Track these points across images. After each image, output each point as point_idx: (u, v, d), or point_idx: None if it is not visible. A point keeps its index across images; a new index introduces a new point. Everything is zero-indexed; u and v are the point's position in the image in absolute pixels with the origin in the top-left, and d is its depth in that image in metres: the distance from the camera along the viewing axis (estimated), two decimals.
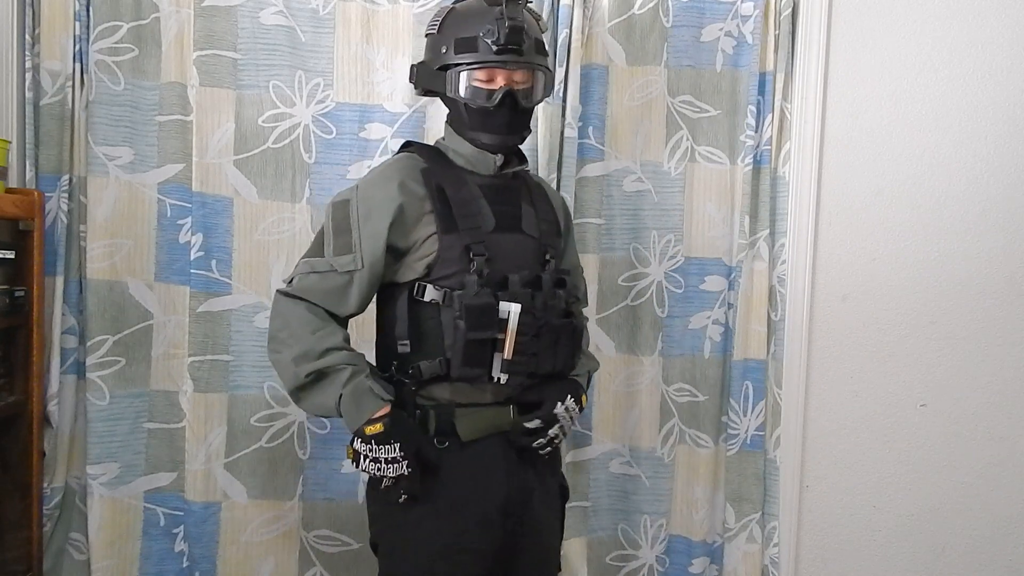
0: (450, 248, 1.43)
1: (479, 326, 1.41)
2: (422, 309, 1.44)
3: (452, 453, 1.45)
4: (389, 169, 1.51)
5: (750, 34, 2.05)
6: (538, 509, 1.54)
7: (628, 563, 2.13)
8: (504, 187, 1.53)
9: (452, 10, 1.49)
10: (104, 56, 1.94)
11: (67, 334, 1.96)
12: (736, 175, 2.08)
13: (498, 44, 1.41)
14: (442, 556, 1.43)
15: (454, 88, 1.45)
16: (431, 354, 1.44)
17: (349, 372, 1.39)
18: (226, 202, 1.98)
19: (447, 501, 1.44)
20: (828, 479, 2.11)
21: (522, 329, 1.43)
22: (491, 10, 1.43)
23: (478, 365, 1.43)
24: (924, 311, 2.06)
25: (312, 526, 2.03)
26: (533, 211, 1.55)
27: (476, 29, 1.43)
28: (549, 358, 1.49)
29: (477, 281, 1.41)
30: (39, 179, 1.92)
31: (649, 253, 2.10)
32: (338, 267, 1.43)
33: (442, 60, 1.46)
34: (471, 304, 1.40)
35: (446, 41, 1.46)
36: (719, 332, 2.11)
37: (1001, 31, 2.01)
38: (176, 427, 2.03)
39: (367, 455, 1.38)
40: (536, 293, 1.46)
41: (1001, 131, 2.02)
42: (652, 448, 2.11)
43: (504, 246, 1.47)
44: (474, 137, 1.49)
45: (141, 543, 2.03)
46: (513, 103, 1.45)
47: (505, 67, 1.43)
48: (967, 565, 2.09)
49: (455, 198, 1.46)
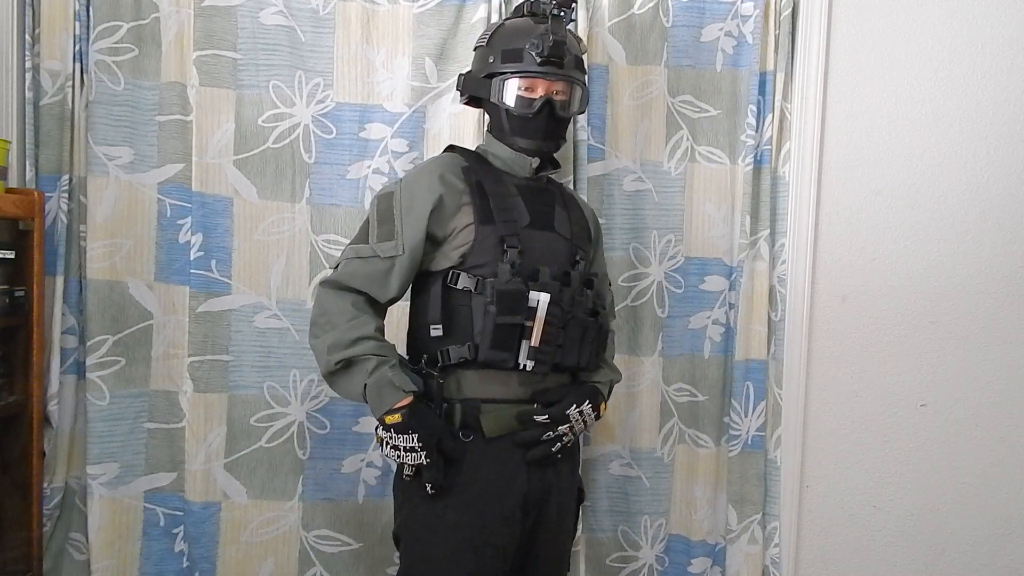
0: (485, 239, 1.51)
1: (509, 311, 1.47)
2: (454, 296, 1.51)
3: (477, 448, 1.50)
4: (431, 164, 1.61)
5: (750, 34, 2.05)
6: (555, 509, 1.59)
7: (628, 564, 2.13)
8: (539, 189, 1.62)
9: (501, 26, 1.62)
10: (104, 56, 1.94)
11: (67, 334, 1.96)
12: (736, 175, 2.08)
13: (541, 56, 1.52)
14: (465, 549, 1.48)
15: (498, 95, 1.56)
16: (460, 340, 1.50)
17: (375, 363, 1.45)
18: (226, 202, 1.98)
19: (471, 495, 1.49)
20: (828, 479, 2.11)
21: (550, 319, 1.49)
22: (537, 27, 1.55)
23: (505, 349, 1.48)
24: (924, 311, 2.06)
25: (312, 526, 2.03)
26: (566, 214, 1.64)
27: (522, 42, 1.54)
28: (574, 352, 1.55)
29: (509, 270, 1.49)
30: (39, 179, 1.92)
31: (649, 253, 2.10)
32: (381, 253, 1.50)
33: (488, 69, 1.58)
34: (503, 290, 1.47)
35: (493, 52, 1.57)
36: (719, 332, 2.11)
37: (1001, 31, 2.01)
38: (176, 427, 2.03)
39: (387, 442, 1.45)
40: (564, 288, 1.53)
41: (1001, 131, 2.02)
42: (652, 448, 2.11)
43: (537, 241, 1.55)
44: (513, 141, 1.59)
45: (141, 543, 2.03)
46: (551, 112, 1.55)
47: (546, 78, 1.54)
48: (967, 565, 2.09)
49: (493, 193, 1.55)
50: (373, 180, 2.02)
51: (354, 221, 2.01)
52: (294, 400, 2.02)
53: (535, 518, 1.56)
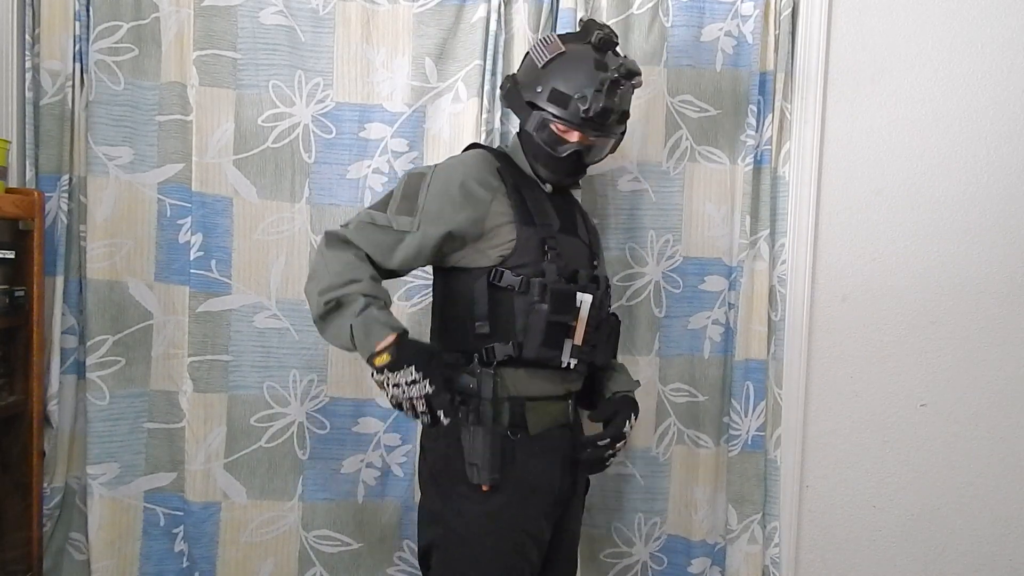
0: (528, 240, 1.53)
1: (560, 310, 1.51)
2: (496, 293, 1.52)
3: (522, 444, 1.52)
4: (468, 159, 1.60)
5: (750, 34, 2.05)
6: (576, 504, 1.66)
7: (621, 560, 2.13)
8: (561, 197, 1.67)
9: (564, 53, 1.56)
10: (104, 56, 1.94)
11: (67, 334, 1.96)
12: (736, 175, 2.07)
13: (586, 114, 1.52)
14: (517, 548, 1.50)
15: (534, 127, 1.57)
16: (504, 337, 1.52)
17: (363, 303, 1.41)
18: (226, 202, 1.99)
19: (524, 491, 1.51)
20: (828, 479, 2.11)
21: (589, 320, 1.54)
22: (595, 77, 1.52)
23: (555, 347, 1.52)
24: (924, 311, 2.06)
25: (312, 526, 2.03)
26: (582, 220, 1.70)
27: (574, 89, 1.53)
28: (603, 351, 1.63)
29: (556, 270, 1.52)
30: (39, 179, 1.92)
31: (646, 253, 2.09)
32: (395, 225, 1.50)
33: (534, 98, 1.57)
34: (556, 289, 1.51)
35: (544, 83, 1.55)
36: (719, 332, 2.11)
37: (1001, 31, 2.01)
38: (176, 427, 2.03)
39: (387, 384, 1.40)
40: (597, 289, 1.58)
41: (1001, 131, 2.02)
42: (647, 447, 2.11)
43: (568, 245, 1.59)
44: (535, 167, 1.62)
45: (141, 543, 2.03)
46: (578, 157, 1.58)
47: (584, 132, 1.55)
48: (967, 565, 2.09)
49: (529, 196, 1.57)
50: (373, 180, 2.02)
51: None
52: (294, 400, 2.02)
53: (564, 511, 1.61)
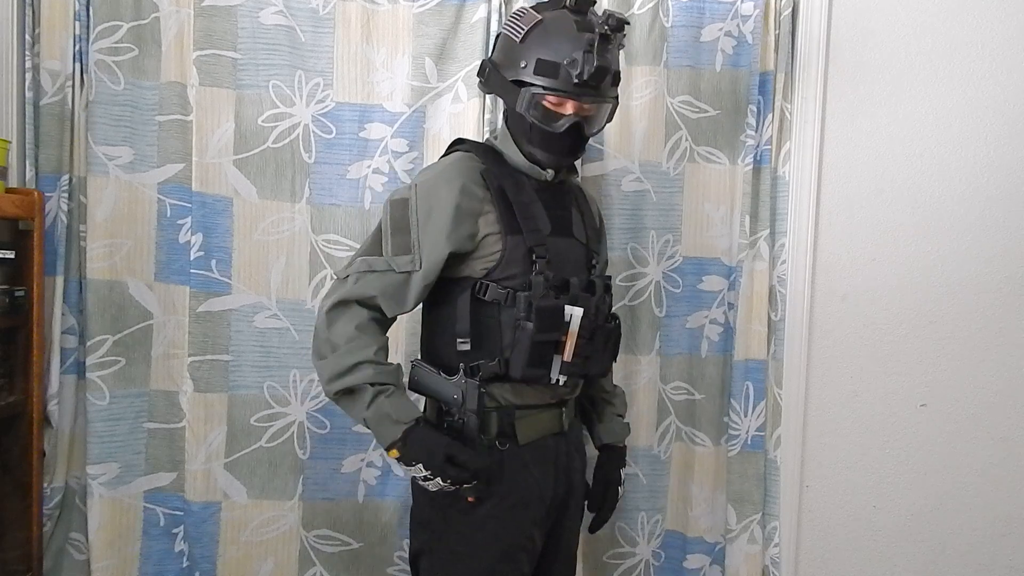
0: (514, 249, 1.45)
1: (547, 328, 1.43)
2: (481, 308, 1.45)
3: (511, 454, 1.48)
4: (449, 170, 1.49)
5: (750, 34, 2.04)
6: (573, 509, 1.61)
7: (625, 560, 2.13)
8: (556, 191, 1.57)
9: (540, 22, 1.44)
10: (104, 56, 1.94)
11: (67, 334, 1.96)
12: (736, 175, 2.07)
13: (579, 79, 1.40)
14: (505, 557, 1.46)
15: (525, 106, 1.45)
16: (490, 353, 1.45)
17: (371, 394, 1.39)
18: (226, 202, 1.98)
19: (511, 502, 1.47)
20: (828, 479, 2.11)
21: (580, 332, 1.46)
22: (581, 38, 1.40)
23: (542, 366, 1.45)
24: (924, 311, 2.06)
25: (312, 526, 2.03)
26: (580, 216, 1.60)
27: (561, 55, 1.41)
28: (598, 361, 1.55)
29: (543, 283, 1.43)
30: (39, 179, 1.92)
31: (647, 253, 2.10)
32: (396, 267, 1.43)
33: (518, 75, 1.45)
34: (542, 306, 1.42)
35: (527, 57, 1.43)
36: (717, 332, 2.11)
37: (1001, 31, 2.01)
38: (176, 427, 2.03)
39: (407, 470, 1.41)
40: (591, 297, 1.50)
41: (1001, 131, 2.02)
42: (649, 446, 2.11)
43: (560, 250, 1.51)
44: (531, 152, 1.50)
45: (141, 543, 2.03)
46: (577, 130, 1.47)
47: (580, 100, 1.44)
48: (967, 565, 2.09)
49: (516, 200, 1.47)
50: (373, 180, 2.02)
51: (354, 221, 2.01)
52: (294, 400, 2.02)
53: (558, 520, 1.57)
